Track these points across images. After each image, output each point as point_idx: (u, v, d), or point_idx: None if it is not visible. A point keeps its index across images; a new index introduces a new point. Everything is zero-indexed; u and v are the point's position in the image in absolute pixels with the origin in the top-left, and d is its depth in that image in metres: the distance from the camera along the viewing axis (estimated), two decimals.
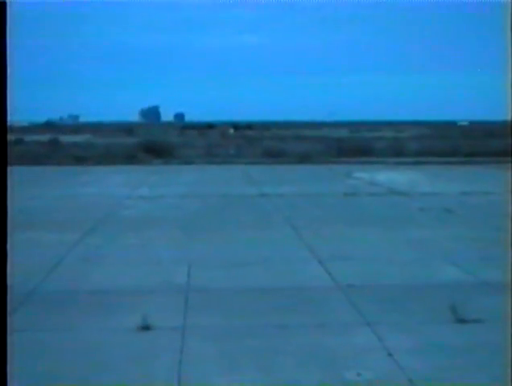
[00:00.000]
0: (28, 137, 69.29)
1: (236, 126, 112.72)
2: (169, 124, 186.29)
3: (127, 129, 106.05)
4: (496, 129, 65.77)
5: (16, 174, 35.34)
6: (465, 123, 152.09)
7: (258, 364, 7.92)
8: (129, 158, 44.10)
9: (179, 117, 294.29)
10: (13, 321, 9.61)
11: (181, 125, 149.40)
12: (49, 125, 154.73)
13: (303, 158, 43.31)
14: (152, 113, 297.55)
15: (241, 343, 8.62)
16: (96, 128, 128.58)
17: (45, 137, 67.69)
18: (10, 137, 71.05)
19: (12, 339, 8.82)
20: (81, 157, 44.20)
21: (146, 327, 9.12)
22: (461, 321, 9.35)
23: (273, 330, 9.11)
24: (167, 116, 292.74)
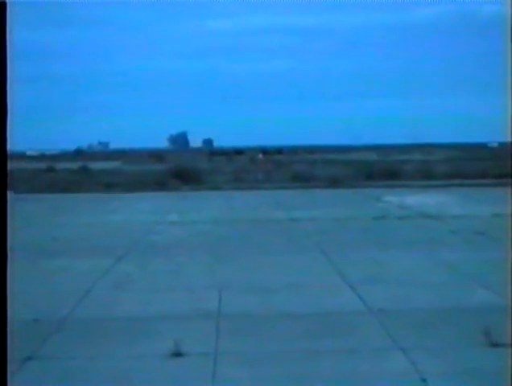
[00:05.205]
0: (59, 165, 69.86)
1: (265, 151, 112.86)
2: (197, 150, 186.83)
3: (156, 155, 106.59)
4: None
5: (47, 202, 35.62)
6: (495, 144, 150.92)
7: None
8: (158, 184, 44.30)
9: (208, 142, 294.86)
10: (45, 348, 9.66)
11: (210, 150, 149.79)
12: (79, 153, 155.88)
13: (332, 182, 43.29)
14: (180, 139, 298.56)
15: (273, 369, 8.59)
16: (125, 155, 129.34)
17: (75, 165, 68.19)
18: (42, 165, 71.45)
19: (44, 367, 8.87)
20: (111, 184, 44.48)
21: (177, 354, 9.12)
22: (495, 345, 9.26)
23: (305, 356, 9.07)
24: (195, 142, 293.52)
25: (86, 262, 16.77)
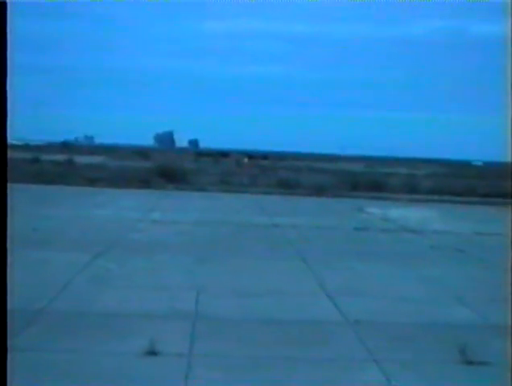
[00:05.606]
0: (44, 157, 69.59)
1: (250, 156, 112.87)
2: (183, 150, 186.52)
3: (142, 152, 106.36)
4: (509, 170, 65.45)
5: (30, 193, 35.44)
6: (479, 163, 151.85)
7: None
8: (143, 181, 44.18)
9: (194, 143, 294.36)
10: (19, 341, 9.60)
11: (195, 151, 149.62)
12: (65, 145, 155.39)
13: (317, 191, 43.29)
14: (166, 139, 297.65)
15: (247, 374, 8.57)
16: (110, 150, 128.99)
17: (61, 157, 67.97)
18: (27, 155, 71.00)
19: (16, 359, 8.81)
20: (95, 178, 44.35)
21: (152, 352, 9.09)
22: (469, 362, 9.28)
23: (279, 363, 9.06)
24: (181, 142, 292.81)
25: (64, 256, 16.70)
